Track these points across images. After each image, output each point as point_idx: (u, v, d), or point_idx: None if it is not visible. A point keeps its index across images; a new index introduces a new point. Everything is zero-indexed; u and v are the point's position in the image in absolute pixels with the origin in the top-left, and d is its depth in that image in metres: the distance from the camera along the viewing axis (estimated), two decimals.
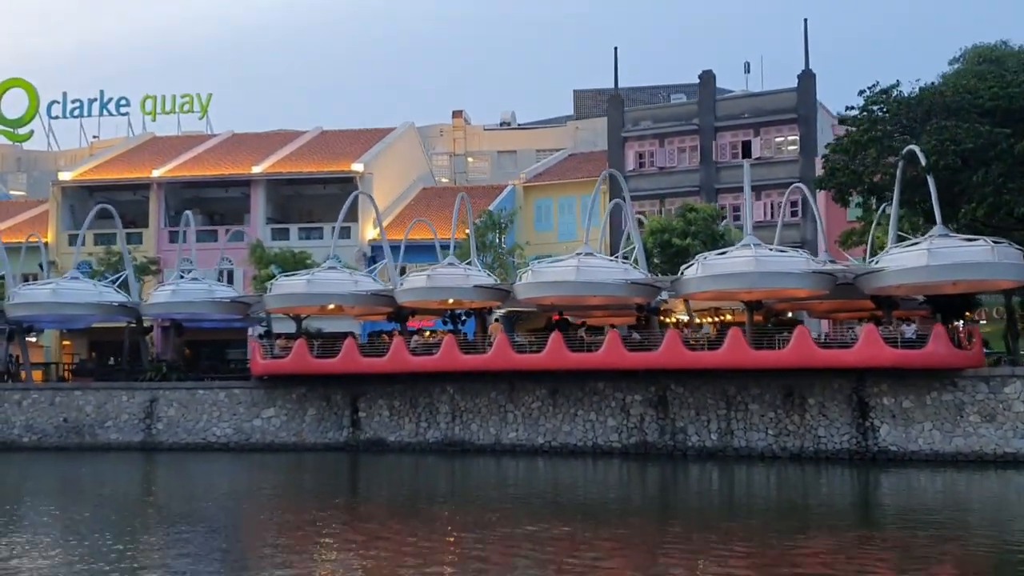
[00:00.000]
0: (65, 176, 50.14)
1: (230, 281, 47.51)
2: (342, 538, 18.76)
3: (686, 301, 32.67)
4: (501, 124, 64.68)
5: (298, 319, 38.93)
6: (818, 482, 27.15)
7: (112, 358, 48.95)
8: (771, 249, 30.07)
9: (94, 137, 67.39)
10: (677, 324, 33.60)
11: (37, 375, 41.74)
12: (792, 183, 46.16)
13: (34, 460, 34.80)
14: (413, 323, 42.56)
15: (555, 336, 31.52)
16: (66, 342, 49.28)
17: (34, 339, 49.24)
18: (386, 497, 25.33)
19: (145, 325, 39.59)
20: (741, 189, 47.18)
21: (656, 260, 35.40)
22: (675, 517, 21.34)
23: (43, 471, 32.66)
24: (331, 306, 35.70)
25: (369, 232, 47.48)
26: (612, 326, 33.42)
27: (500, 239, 39.59)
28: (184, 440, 35.78)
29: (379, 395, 35.05)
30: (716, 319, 36.51)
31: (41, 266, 48.05)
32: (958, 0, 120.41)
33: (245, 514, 22.93)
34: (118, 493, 26.94)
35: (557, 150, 59.99)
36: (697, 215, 35.66)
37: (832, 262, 32.02)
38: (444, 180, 60.72)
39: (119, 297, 37.85)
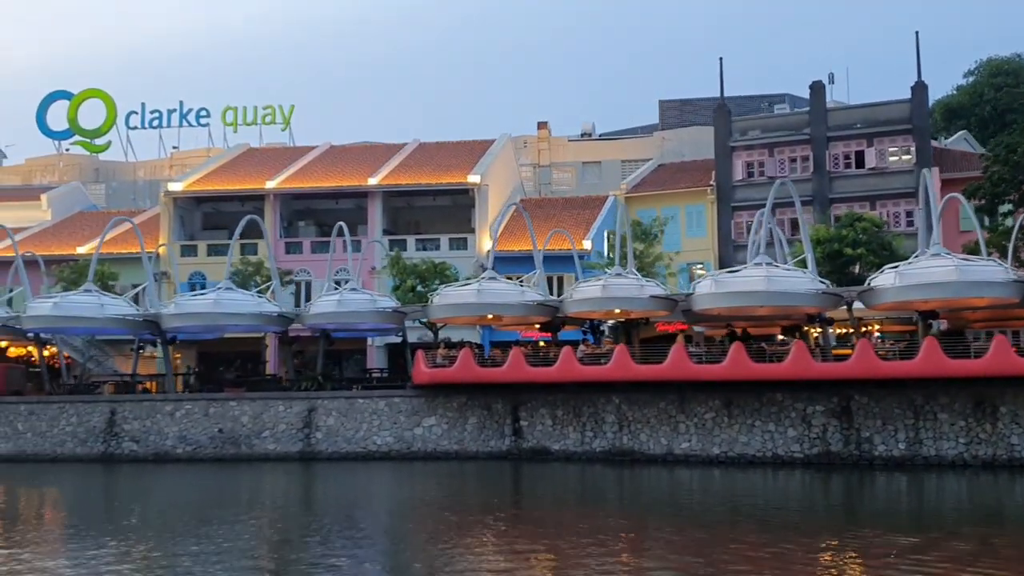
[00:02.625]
0: (175, 187, 49.81)
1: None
2: (513, 546, 18.55)
3: (850, 310, 32.77)
4: (582, 135, 64.71)
5: (435, 328, 38.92)
6: (1012, 490, 27.19)
7: (220, 368, 48.87)
8: (959, 258, 30.07)
9: (174, 148, 67.32)
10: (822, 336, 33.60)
11: (152, 385, 41.63)
12: (906, 193, 46.66)
13: (191, 471, 34.55)
14: (529, 334, 42.70)
15: (736, 347, 31.46)
16: (177, 355, 48.96)
17: (140, 349, 49.10)
18: (557, 505, 25.04)
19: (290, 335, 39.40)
20: (855, 199, 47.66)
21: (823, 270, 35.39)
22: (906, 528, 21.06)
23: (204, 482, 32.36)
24: (490, 316, 35.64)
25: (486, 243, 47.35)
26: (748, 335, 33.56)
27: (649, 248, 39.46)
28: (344, 449, 35.53)
29: (541, 404, 34.89)
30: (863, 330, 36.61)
31: (155, 277, 47.91)
32: (959, 15, 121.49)
33: (413, 521, 22.85)
34: (289, 502, 27.00)
35: (642, 161, 60.11)
36: (867, 224, 35.69)
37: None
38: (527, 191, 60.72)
39: (273, 307, 37.66)
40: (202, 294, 37.95)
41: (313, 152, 55.32)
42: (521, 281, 38.30)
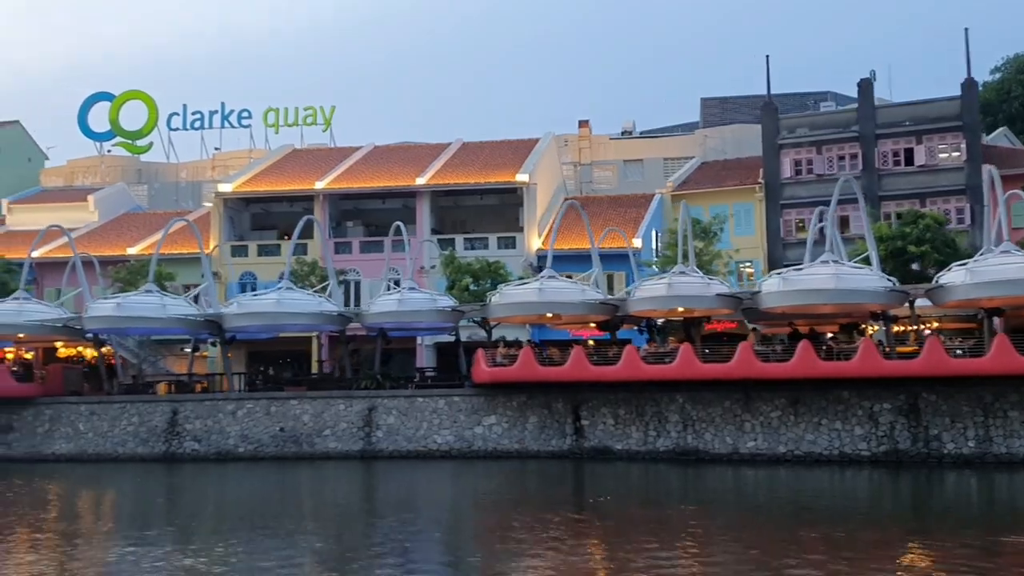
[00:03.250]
0: (225, 188, 50.10)
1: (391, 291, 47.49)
2: (577, 545, 18.64)
3: (912, 307, 32.67)
4: (623, 133, 64.64)
5: (488, 327, 39.02)
6: None
7: (271, 368, 49.15)
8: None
9: (216, 149, 67.63)
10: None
11: (203, 385, 41.80)
12: (956, 190, 46.40)
13: (254, 470, 34.75)
14: (579, 333, 42.67)
15: (804, 345, 31.40)
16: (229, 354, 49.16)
17: (189, 349, 49.40)
18: (622, 504, 25.00)
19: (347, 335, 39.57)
20: (904, 197, 47.44)
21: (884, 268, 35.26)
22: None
23: (270, 481, 32.54)
24: (548, 315, 35.69)
25: (535, 242, 47.41)
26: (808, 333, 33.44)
27: (707, 246, 39.40)
28: (405, 448, 35.65)
29: (602, 403, 34.90)
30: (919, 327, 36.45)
31: (203, 276, 48.17)
32: (978, 13, 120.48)
33: (478, 520, 23.03)
34: (356, 501, 27.33)
35: (683, 159, 59.98)
36: (929, 221, 35.55)
37: None
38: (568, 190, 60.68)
39: (332, 307, 37.84)
40: (262, 294, 38.16)
41: (358, 153, 55.51)
42: (570, 278, 38.36)
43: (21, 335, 38.41)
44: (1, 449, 37.68)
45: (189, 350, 49.06)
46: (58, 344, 42.29)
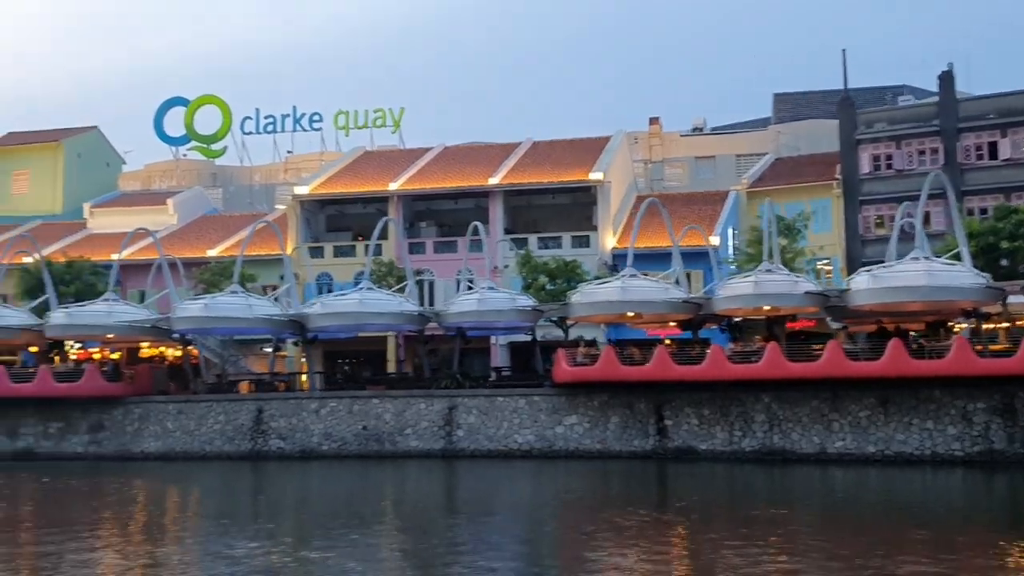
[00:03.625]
0: (301, 190, 50.77)
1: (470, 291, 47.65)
2: (663, 546, 18.49)
3: (1004, 304, 31.89)
4: (693, 130, 64.05)
5: (565, 326, 39.02)
6: None
7: (346, 367, 49.72)
8: None
9: (288, 152, 68.55)
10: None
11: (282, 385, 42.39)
12: None
13: (338, 468, 35.19)
14: (655, 332, 42.40)
15: (895, 343, 30.81)
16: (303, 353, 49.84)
17: (268, 349, 50.16)
18: (707, 504, 24.83)
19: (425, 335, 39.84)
20: (988, 191, 46.26)
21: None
22: None
23: (357, 479, 32.99)
24: (630, 314, 35.53)
25: (609, 240, 47.22)
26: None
27: (791, 243, 38.87)
28: (486, 447, 35.77)
29: (686, 403, 34.65)
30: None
31: (282, 278, 48.85)
32: None
33: (562, 519, 22.94)
34: (442, 500, 27.65)
35: (756, 155, 59.21)
36: (1023, 216, 34.66)
37: None
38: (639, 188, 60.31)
39: (413, 307, 38.14)
40: (344, 294, 38.60)
41: (429, 154, 55.83)
42: (645, 276, 38.13)
43: (110, 335, 39.38)
44: (92, 447, 38.67)
45: (268, 350, 49.97)
46: (143, 344, 43.30)
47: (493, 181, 48.81)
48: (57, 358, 43.94)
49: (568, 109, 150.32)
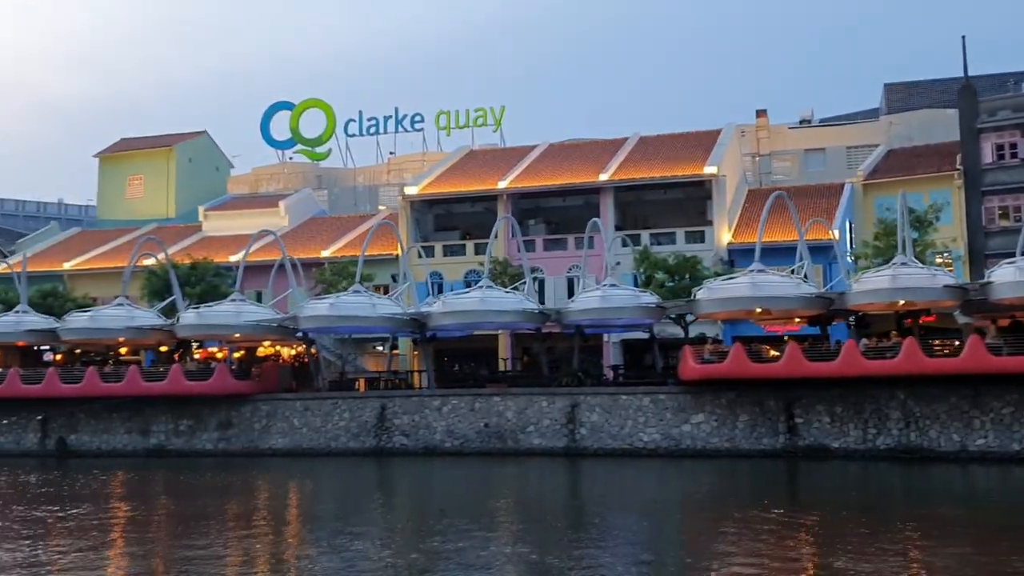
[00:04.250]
0: (411, 190, 51.21)
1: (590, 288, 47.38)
2: (792, 548, 17.94)
3: None
4: (800, 122, 62.68)
5: (685, 323, 38.52)
6: None
7: (456, 365, 49.89)
8: None
9: (390, 153, 69.31)
10: None
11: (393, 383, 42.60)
12: None
13: (462, 465, 35.35)
14: (773, 329, 41.50)
15: None
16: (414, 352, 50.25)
17: (379, 348, 50.75)
18: (842, 505, 23.99)
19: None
20: None
21: None
22: None
23: (485, 475, 33.12)
24: (758, 309, 34.89)
25: (724, 235, 46.47)
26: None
27: (922, 236, 37.71)
28: (610, 446, 35.54)
29: (817, 400, 33.88)
30: None
31: (394, 278, 49.36)
32: None
33: (689, 519, 22.55)
34: (563, 497, 27.66)
35: (867, 147, 57.68)
36: None
37: None
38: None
39: (532, 304, 38.11)
40: (464, 293, 38.77)
41: (534, 151, 55.78)
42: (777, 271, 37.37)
43: (236, 335, 40.21)
44: (221, 444, 39.58)
45: (379, 348, 50.61)
46: (264, 344, 44.18)
47: (604, 177, 48.48)
48: (181, 357, 45.30)
49: (668, 104, 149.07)
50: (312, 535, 20.92)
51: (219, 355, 44.33)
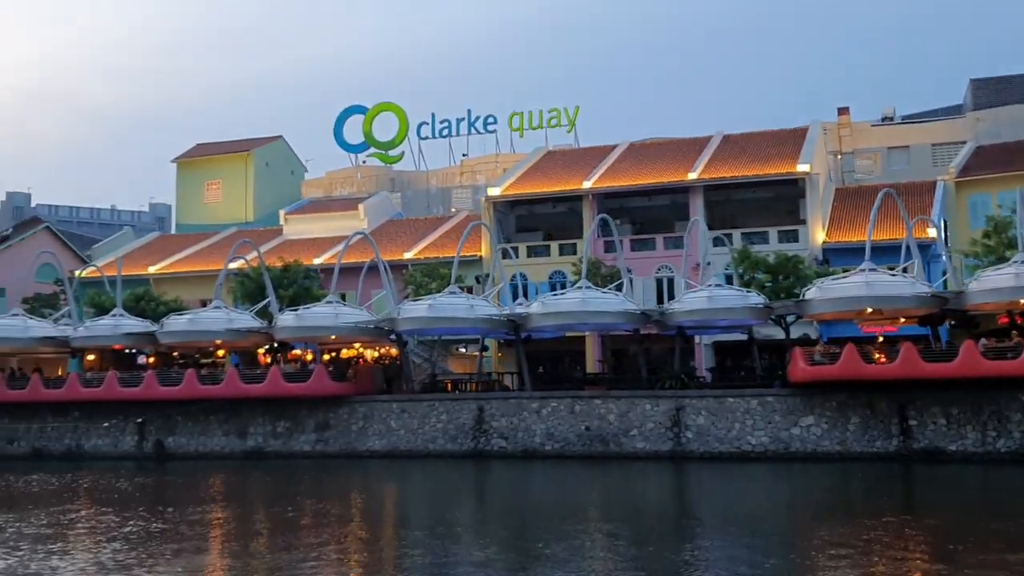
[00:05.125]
0: (494, 191, 50.86)
1: (671, 289, 46.81)
2: (910, 557, 17.24)
3: None
4: (883, 119, 61.36)
5: (786, 324, 37.62)
6: None
7: (539, 367, 49.34)
8: None
9: (463, 155, 69.13)
10: None
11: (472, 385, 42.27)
12: None
13: (562, 469, 34.77)
14: (872, 329, 40.41)
15: None
16: (496, 353, 49.87)
17: (462, 350, 50.46)
18: (959, 511, 23.18)
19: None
20: None
21: None
22: None
23: (588, 479, 32.54)
24: (868, 310, 33.95)
25: (819, 234, 45.44)
26: None
27: None
28: (717, 449, 34.82)
29: (932, 402, 32.85)
30: None
31: (478, 279, 49.04)
32: None
33: (801, 525, 21.65)
34: (670, 502, 27.23)
35: (952, 144, 56.30)
36: None
37: None
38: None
39: (632, 305, 37.53)
40: (560, 294, 38.37)
41: (615, 151, 55.19)
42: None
43: (333, 337, 40.12)
44: (319, 446, 39.48)
45: (463, 350, 50.34)
46: (356, 345, 44.08)
47: (692, 176, 47.73)
48: (273, 359, 45.44)
49: (743, 103, 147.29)
50: (427, 539, 20.50)
51: (308, 357, 44.31)
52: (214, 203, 68.21)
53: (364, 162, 70.75)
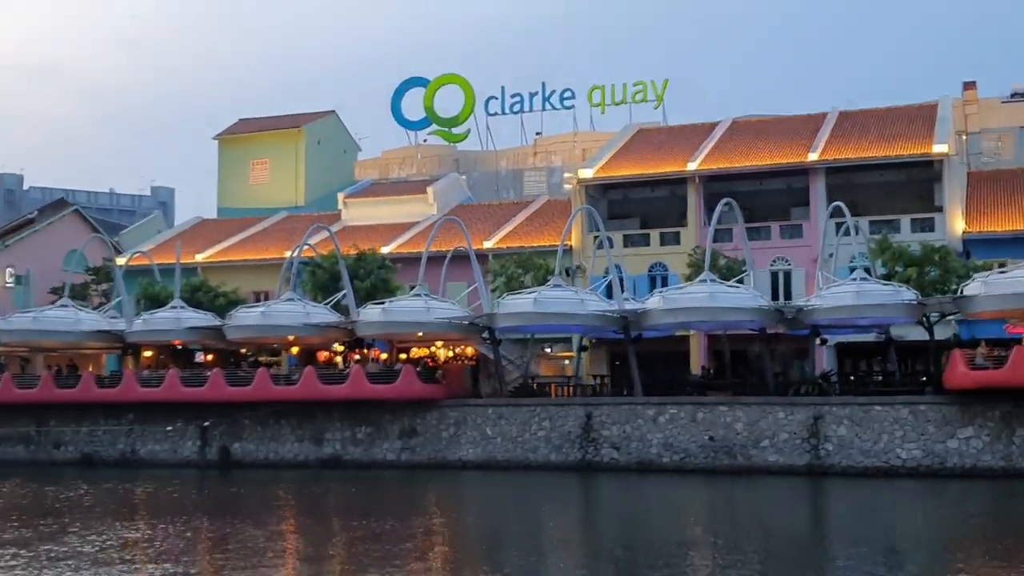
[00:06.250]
0: (586, 173, 50.23)
1: (787, 284, 46.05)
2: None
3: None
4: (1012, 95, 60.04)
5: (930, 325, 36.82)
6: None
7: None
8: None
9: (537, 134, 68.61)
10: None
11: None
12: None
13: (688, 483, 34.31)
14: (1018, 330, 39.44)
15: None
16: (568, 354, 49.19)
17: (547, 350, 50.02)
18: None
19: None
20: None
21: None
22: None
23: (715, 496, 32.07)
24: None
25: (958, 224, 44.42)
26: None
27: None
28: (861, 463, 34.18)
29: None
30: None
31: (567, 271, 48.45)
32: None
33: (963, 557, 20.55)
34: (801, 522, 26.71)
35: None
36: None
37: None
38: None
39: (764, 301, 36.88)
40: (682, 287, 37.92)
41: (718, 129, 54.39)
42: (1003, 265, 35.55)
43: (419, 333, 39.86)
44: (404, 454, 39.33)
45: (548, 350, 49.87)
46: (437, 343, 43.78)
47: (813, 156, 46.83)
48: (333, 357, 45.34)
49: (851, 75, 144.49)
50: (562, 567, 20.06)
51: (382, 356, 44.02)
52: (261, 184, 68.18)
53: (425, 140, 70.54)
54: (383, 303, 39.38)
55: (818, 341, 38.22)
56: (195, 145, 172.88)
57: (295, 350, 44.35)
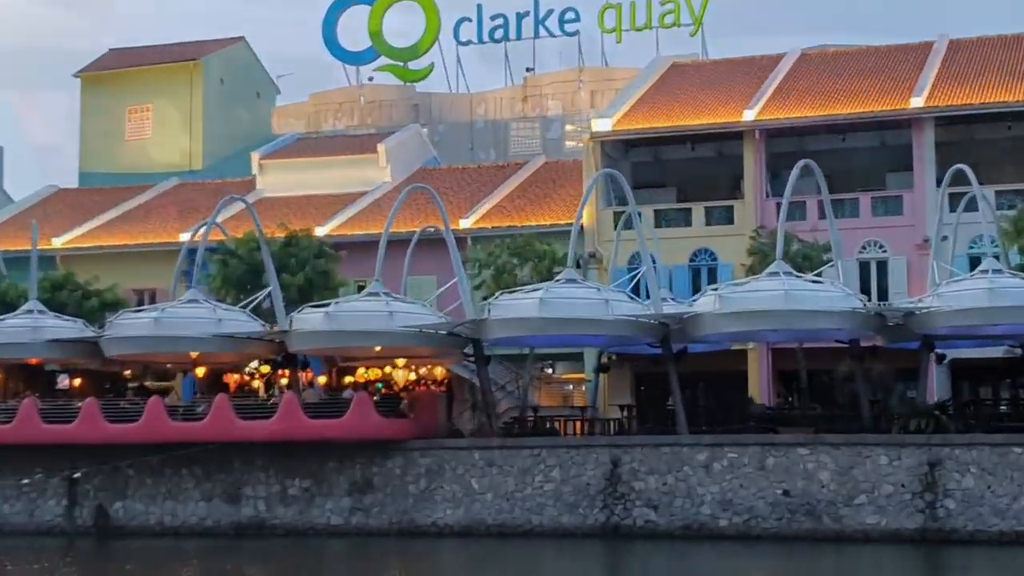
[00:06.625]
0: (603, 126, 50.11)
1: (880, 277, 46.15)
2: None
3: None
4: None
5: None
6: None
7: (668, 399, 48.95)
8: None
9: (527, 71, 68.87)
10: None
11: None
12: None
13: (751, 554, 34.45)
14: None
15: None
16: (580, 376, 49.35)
17: (550, 370, 50.13)
18: None
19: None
20: None
21: None
22: None
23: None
24: None
25: None
26: None
27: None
28: (994, 527, 34.18)
29: None
30: None
31: (579, 262, 48.17)
32: None
33: None
34: None
35: None
36: None
37: None
38: None
39: (855, 302, 36.92)
40: (744, 282, 38.01)
41: (781, 65, 54.65)
42: None
43: (378, 347, 39.81)
44: (356, 517, 39.16)
45: (549, 371, 49.92)
46: (400, 362, 43.58)
47: (917, 102, 46.98)
48: (256, 383, 45.01)
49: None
50: None
51: (319, 380, 43.82)
52: (140, 140, 68.18)
53: (371, 79, 70.63)
54: (326, 305, 39.03)
55: (934, 357, 38.09)
56: (45, 84, 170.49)
57: (200, 371, 43.95)
